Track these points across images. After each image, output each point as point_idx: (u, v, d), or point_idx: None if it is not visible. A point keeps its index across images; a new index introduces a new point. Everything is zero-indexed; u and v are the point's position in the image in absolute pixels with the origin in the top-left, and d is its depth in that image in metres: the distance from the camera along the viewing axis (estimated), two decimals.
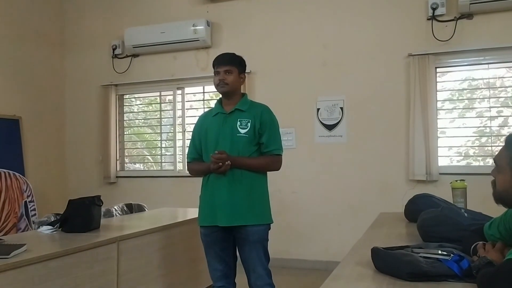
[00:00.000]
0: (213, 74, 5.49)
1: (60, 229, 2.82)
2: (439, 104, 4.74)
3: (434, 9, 4.53)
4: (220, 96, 2.89)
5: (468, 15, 4.50)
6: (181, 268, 3.37)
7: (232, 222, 2.67)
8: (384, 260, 1.60)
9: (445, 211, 2.08)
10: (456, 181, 3.07)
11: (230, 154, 2.65)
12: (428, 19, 4.62)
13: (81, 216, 2.78)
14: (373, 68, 4.86)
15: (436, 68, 4.63)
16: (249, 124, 2.72)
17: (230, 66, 2.76)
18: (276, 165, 2.79)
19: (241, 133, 2.70)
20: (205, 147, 2.80)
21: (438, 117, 4.67)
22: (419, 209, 2.68)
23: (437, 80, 4.72)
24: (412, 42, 4.68)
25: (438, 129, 4.65)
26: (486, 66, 4.60)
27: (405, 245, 1.80)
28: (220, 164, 2.58)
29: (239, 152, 2.68)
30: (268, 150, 2.73)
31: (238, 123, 2.73)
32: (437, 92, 4.71)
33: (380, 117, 4.83)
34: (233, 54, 2.86)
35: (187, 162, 2.95)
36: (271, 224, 2.80)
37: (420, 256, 1.57)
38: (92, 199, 2.91)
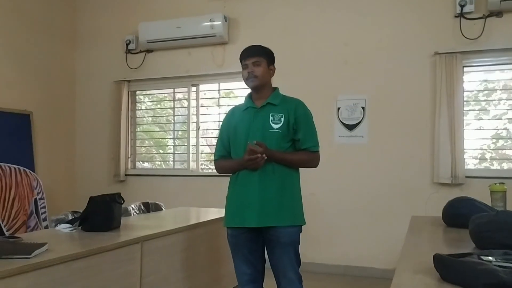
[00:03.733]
0: (229, 71, 5.41)
1: (80, 227, 2.68)
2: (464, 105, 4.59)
3: (462, 6, 4.38)
4: (250, 90, 2.74)
5: (498, 13, 4.34)
6: (204, 271, 3.22)
7: (262, 223, 2.51)
8: (454, 269, 1.44)
9: (502, 215, 1.92)
10: (495, 184, 2.93)
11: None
12: (455, 17, 4.46)
13: (102, 214, 2.64)
14: (397, 66, 4.71)
15: (463, 67, 4.47)
16: (282, 119, 2.57)
17: (258, 57, 2.62)
18: (314, 163, 2.66)
19: (274, 128, 2.56)
20: (234, 143, 2.65)
21: (464, 118, 4.51)
22: (460, 214, 2.55)
23: (465, 80, 4.56)
24: (438, 40, 4.53)
25: (464, 130, 4.48)
26: None
27: (468, 252, 1.64)
28: (258, 155, 2.41)
29: (271, 148, 2.53)
30: (306, 147, 2.59)
31: (271, 118, 2.58)
32: (464, 92, 4.55)
33: (403, 117, 4.67)
34: (260, 45, 2.71)
35: (214, 160, 2.79)
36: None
37: (494, 265, 1.42)
38: (113, 196, 2.76)
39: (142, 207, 3.79)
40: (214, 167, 2.83)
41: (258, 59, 2.61)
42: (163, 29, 5.53)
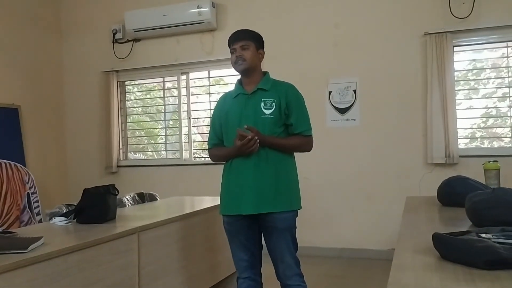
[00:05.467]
0: (218, 58, 5.35)
1: (75, 220, 2.65)
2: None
3: None
4: (239, 77, 2.70)
5: None
6: (201, 259, 3.22)
7: (258, 209, 2.49)
8: (454, 247, 1.44)
9: (499, 192, 1.93)
10: (489, 162, 2.95)
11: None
12: None
13: (97, 206, 2.61)
14: (387, 48, 4.69)
15: (453, 46, 4.47)
16: (274, 104, 2.54)
17: (246, 41, 2.57)
18: (307, 147, 2.65)
19: (265, 114, 2.53)
20: (226, 131, 2.62)
21: (456, 97, 4.52)
22: (456, 192, 2.56)
23: (454, 59, 4.55)
24: (428, 20, 4.51)
25: (457, 110, 4.49)
26: (504, 44, 4.45)
27: (467, 230, 1.65)
28: (249, 139, 2.37)
29: (264, 134, 2.51)
30: (299, 132, 2.57)
31: (262, 103, 2.55)
32: (455, 72, 4.55)
33: (395, 99, 4.67)
34: (248, 29, 2.67)
35: (208, 148, 2.76)
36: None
37: (493, 242, 1.43)
38: (107, 188, 2.74)
39: (137, 197, 3.76)
40: (207, 156, 2.81)
41: (246, 43, 2.57)
42: (150, 17, 5.45)
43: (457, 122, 4.45)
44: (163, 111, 5.96)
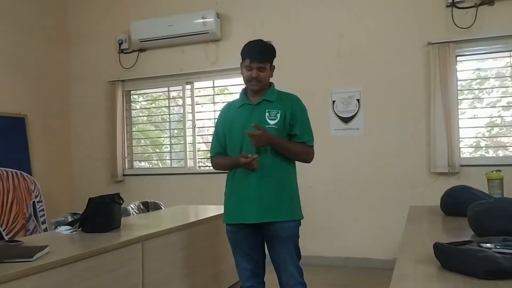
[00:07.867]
0: (223, 68, 5.40)
1: (80, 229, 2.68)
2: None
3: None
4: (244, 86, 2.73)
5: (489, 1, 4.34)
6: (204, 268, 3.23)
7: (261, 218, 2.52)
8: (454, 257, 1.45)
9: (501, 202, 1.93)
10: (492, 171, 2.95)
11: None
12: (448, 6, 4.46)
13: (102, 215, 2.64)
14: (390, 57, 4.71)
15: (456, 56, 4.48)
16: (278, 115, 2.57)
17: (265, 63, 2.56)
18: (309, 157, 2.67)
19: (270, 125, 2.56)
20: (229, 140, 2.65)
21: (459, 107, 4.53)
22: (458, 202, 2.57)
23: (458, 69, 4.57)
24: (431, 30, 4.54)
25: (459, 119, 4.50)
26: (508, 53, 4.47)
27: (468, 240, 1.66)
28: (253, 157, 2.42)
29: (268, 147, 2.54)
30: (302, 141, 2.60)
31: (267, 114, 2.58)
32: (458, 81, 4.56)
33: (398, 108, 4.69)
34: (266, 46, 2.61)
35: (210, 156, 2.79)
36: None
37: (494, 251, 1.43)
38: (112, 197, 2.76)
39: (142, 206, 3.79)
40: (211, 165, 2.83)
41: (264, 65, 2.55)
42: (155, 28, 5.51)
43: (459, 131, 4.46)
44: (168, 120, 6.01)
